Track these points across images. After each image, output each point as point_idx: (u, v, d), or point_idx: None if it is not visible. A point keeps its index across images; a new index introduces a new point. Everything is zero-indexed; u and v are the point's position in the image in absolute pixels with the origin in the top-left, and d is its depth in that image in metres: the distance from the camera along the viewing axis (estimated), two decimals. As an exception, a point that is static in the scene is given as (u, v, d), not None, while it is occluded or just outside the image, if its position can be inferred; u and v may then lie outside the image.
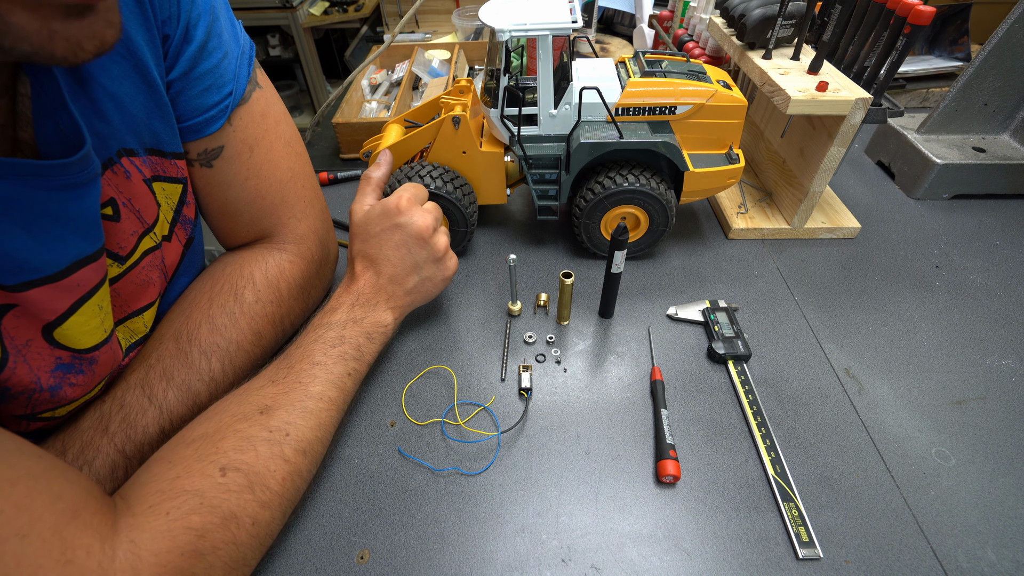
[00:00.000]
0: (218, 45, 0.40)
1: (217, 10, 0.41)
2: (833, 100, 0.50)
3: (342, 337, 0.41)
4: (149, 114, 0.38)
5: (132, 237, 0.39)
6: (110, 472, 0.36)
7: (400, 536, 0.37)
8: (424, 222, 0.45)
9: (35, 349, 0.33)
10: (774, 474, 0.40)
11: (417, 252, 0.46)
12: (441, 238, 0.47)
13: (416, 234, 0.45)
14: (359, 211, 0.47)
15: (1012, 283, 0.56)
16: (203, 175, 0.44)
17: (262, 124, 0.45)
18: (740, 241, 0.62)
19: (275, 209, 0.47)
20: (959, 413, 0.44)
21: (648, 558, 0.36)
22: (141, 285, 0.41)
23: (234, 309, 0.44)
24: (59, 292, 0.33)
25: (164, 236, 0.42)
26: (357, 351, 0.42)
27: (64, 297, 0.33)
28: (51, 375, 0.34)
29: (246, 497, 0.32)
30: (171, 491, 0.31)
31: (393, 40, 0.81)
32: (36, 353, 0.33)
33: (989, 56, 0.63)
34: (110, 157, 0.36)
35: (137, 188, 0.38)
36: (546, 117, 0.52)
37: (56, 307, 0.33)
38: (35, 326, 0.33)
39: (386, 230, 0.45)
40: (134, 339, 0.42)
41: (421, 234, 0.45)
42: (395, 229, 0.45)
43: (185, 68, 0.39)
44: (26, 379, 0.33)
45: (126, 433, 0.37)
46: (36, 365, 0.33)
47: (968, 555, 0.36)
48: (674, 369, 0.48)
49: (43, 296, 0.32)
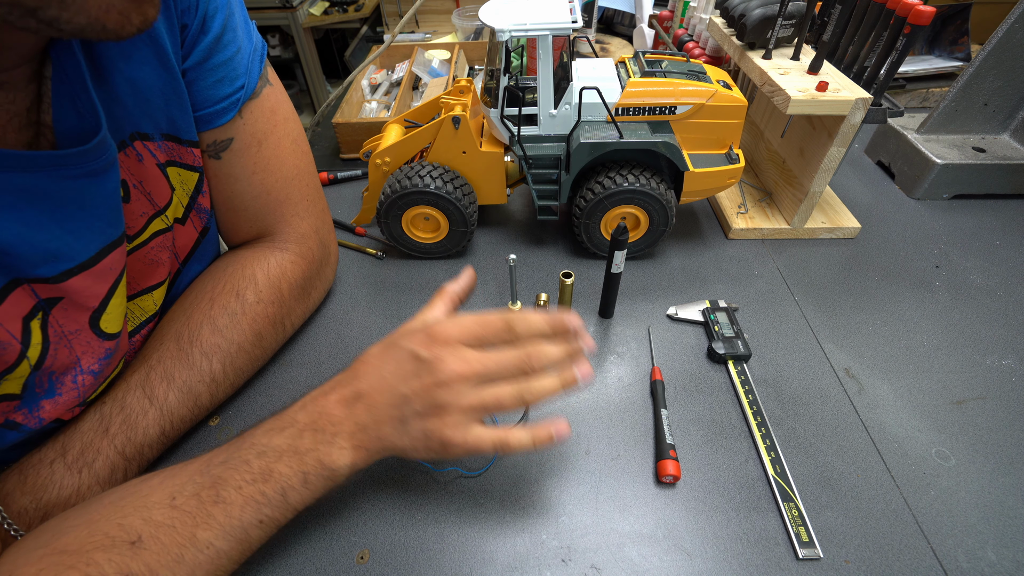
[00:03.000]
0: (232, 39, 0.41)
1: (233, 6, 0.41)
2: (833, 100, 0.50)
3: (269, 472, 0.32)
4: (167, 101, 0.38)
5: (141, 218, 0.39)
6: (110, 474, 0.36)
7: (400, 536, 0.37)
8: (457, 369, 0.33)
9: (84, 339, 0.35)
10: (774, 474, 0.40)
11: (422, 399, 0.33)
12: (471, 411, 0.34)
13: (436, 380, 0.33)
14: (415, 318, 0.39)
15: (1012, 283, 0.56)
16: (211, 167, 0.44)
17: (271, 120, 0.45)
18: (740, 241, 0.62)
19: (279, 205, 0.47)
20: (959, 413, 0.44)
21: (648, 558, 0.36)
22: (150, 264, 0.41)
23: (236, 310, 0.44)
24: (96, 278, 0.34)
25: (177, 219, 0.43)
26: (281, 496, 0.32)
27: (101, 282, 0.34)
28: (97, 362, 0.36)
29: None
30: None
31: (393, 40, 0.80)
32: (85, 342, 0.35)
33: (989, 56, 0.63)
34: (123, 140, 0.36)
35: (149, 171, 0.39)
36: (546, 117, 0.52)
37: (97, 292, 0.34)
38: (83, 317, 0.34)
39: (405, 352, 0.35)
40: (144, 317, 0.42)
41: (444, 381, 0.33)
42: (415, 359, 0.34)
43: (200, 58, 0.39)
44: (67, 362, 0.34)
45: (127, 435, 0.37)
46: (82, 351, 0.35)
47: (968, 555, 0.36)
48: (674, 369, 0.48)
49: (83, 284, 0.33)
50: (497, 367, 0.34)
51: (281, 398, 0.46)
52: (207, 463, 0.33)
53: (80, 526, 0.30)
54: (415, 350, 0.34)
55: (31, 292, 0.31)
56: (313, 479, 0.33)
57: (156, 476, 0.33)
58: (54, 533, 0.30)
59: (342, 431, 0.34)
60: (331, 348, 0.51)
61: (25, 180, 0.29)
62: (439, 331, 0.35)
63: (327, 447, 0.33)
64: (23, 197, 0.29)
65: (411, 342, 0.35)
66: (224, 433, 0.44)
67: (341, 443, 0.33)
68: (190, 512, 0.30)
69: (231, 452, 0.33)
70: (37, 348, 0.32)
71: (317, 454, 0.33)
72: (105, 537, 0.29)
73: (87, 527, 0.29)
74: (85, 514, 0.31)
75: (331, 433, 0.33)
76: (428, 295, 0.55)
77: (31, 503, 0.34)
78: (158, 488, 0.32)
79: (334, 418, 0.34)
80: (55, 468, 0.35)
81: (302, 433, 0.33)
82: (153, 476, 0.33)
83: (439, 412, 0.33)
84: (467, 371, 0.33)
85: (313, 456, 0.33)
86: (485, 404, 0.34)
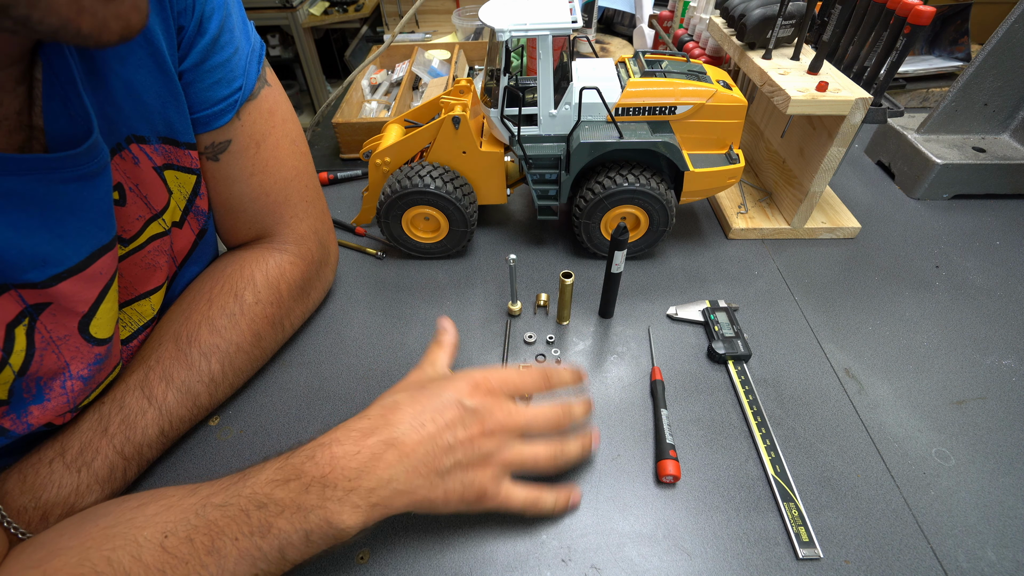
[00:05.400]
0: (230, 40, 0.41)
1: (230, 7, 0.41)
2: (833, 100, 0.50)
3: (267, 527, 0.29)
4: (164, 103, 0.38)
5: (138, 222, 0.39)
6: (109, 473, 0.36)
7: (400, 536, 0.37)
8: (504, 420, 0.33)
9: (73, 344, 0.34)
10: (774, 474, 0.40)
11: (467, 449, 0.33)
12: (508, 466, 0.34)
13: (484, 430, 0.33)
14: (421, 367, 0.39)
15: (1012, 283, 0.56)
16: (209, 169, 0.44)
17: (269, 121, 0.45)
18: (740, 241, 0.62)
19: (278, 207, 0.47)
20: (959, 413, 0.44)
21: (648, 558, 0.36)
22: (147, 268, 0.41)
23: (234, 310, 0.44)
24: (86, 283, 0.34)
25: (175, 222, 0.42)
26: (278, 553, 0.30)
27: (91, 287, 0.34)
28: (87, 367, 0.35)
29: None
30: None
31: (393, 40, 0.80)
32: (75, 348, 0.34)
33: (989, 56, 0.63)
34: (118, 143, 0.36)
35: (145, 174, 0.38)
36: (546, 117, 0.52)
37: (86, 297, 0.34)
38: (71, 322, 0.34)
39: (449, 400, 0.34)
40: (142, 322, 0.42)
41: (491, 431, 0.33)
42: (460, 407, 0.33)
43: (197, 60, 0.39)
44: (55, 367, 0.34)
45: (125, 435, 0.37)
46: (71, 357, 0.34)
47: (968, 555, 0.36)
48: (674, 369, 0.48)
49: (72, 288, 0.33)
50: (541, 420, 0.35)
51: (281, 398, 0.46)
52: (204, 501, 0.31)
53: (72, 549, 0.29)
54: (461, 399, 0.34)
55: (18, 298, 0.31)
56: (316, 538, 0.30)
57: (151, 504, 0.31)
58: (48, 551, 0.29)
59: (359, 487, 0.30)
60: (331, 348, 0.51)
61: (15, 184, 0.29)
62: (484, 380, 0.35)
63: (336, 505, 0.30)
64: (13, 201, 0.29)
65: (454, 391, 0.34)
66: (224, 433, 0.44)
67: (355, 500, 0.30)
68: (182, 559, 0.28)
69: (230, 495, 0.30)
70: (20, 355, 0.31)
71: (324, 512, 0.30)
72: (93, 572, 0.28)
73: (78, 553, 0.29)
74: (78, 535, 0.30)
75: (344, 489, 0.30)
76: (428, 295, 0.56)
77: (30, 502, 0.34)
78: (151, 521, 0.30)
79: (350, 472, 0.31)
80: (54, 467, 0.35)
81: (308, 488, 0.30)
82: (148, 503, 0.32)
83: (483, 463, 0.33)
84: (514, 423, 0.34)
85: (319, 515, 0.30)
86: (524, 461, 0.34)
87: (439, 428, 0.33)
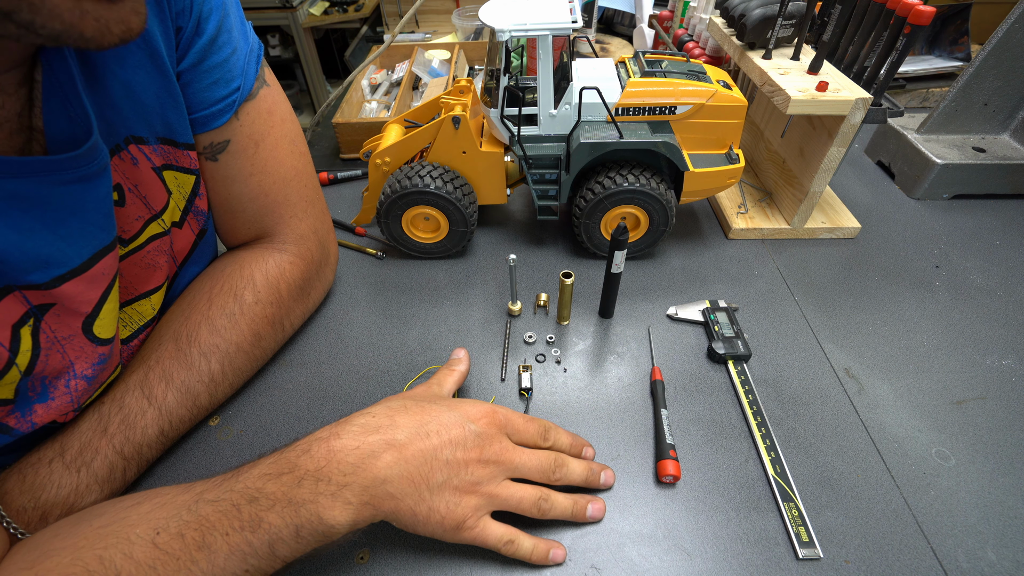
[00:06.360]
0: (228, 40, 0.41)
1: (228, 7, 0.41)
2: (833, 100, 0.50)
3: (258, 522, 0.29)
4: (163, 104, 0.38)
5: (137, 222, 0.39)
6: (108, 473, 0.36)
7: (400, 536, 0.37)
8: (499, 452, 0.34)
9: (77, 344, 0.34)
10: (774, 474, 0.40)
11: (462, 471, 0.33)
12: (492, 499, 0.34)
13: (482, 456, 0.33)
14: (429, 384, 0.40)
15: (1012, 283, 0.56)
16: (208, 169, 0.44)
17: (268, 121, 0.45)
18: (740, 241, 0.62)
19: (277, 207, 0.47)
20: (959, 413, 0.44)
21: (648, 558, 0.36)
22: (147, 268, 0.41)
23: (234, 310, 0.44)
24: (88, 284, 0.34)
25: (174, 223, 0.42)
26: (268, 548, 0.29)
27: (94, 288, 0.34)
28: (91, 367, 0.36)
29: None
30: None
31: (393, 40, 0.80)
32: (79, 348, 0.35)
33: (989, 56, 0.63)
34: (117, 144, 0.36)
35: (144, 175, 0.38)
36: (546, 117, 0.52)
37: (90, 298, 0.34)
38: (76, 322, 0.34)
39: (458, 418, 0.34)
40: (142, 322, 0.42)
41: (488, 459, 0.33)
42: (466, 427, 0.34)
43: (195, 60, 0.39)
44: (60, 367, 0.34)
45: (125, 435, 0.37)
46: (75, 356, 0.35)
47: (968, 555, 0.36)
48: (674, 369, 0.48)
49: (76, 289, 0.33)
50: (533, 463, 0.36)
51: (281, 398, 0.46)
52: (198, 497, 0.30)
53: (65, 550, 0.29)
54: (470, 421, 0.34)
55: (22, 299, 0.31)
56: (306, 534, 0.30)
57: (146, 502, 0.31)
58: (42, 552, 0.29)
59: (353, 483, 0.30)
60: (331, 348, 0.51)
61: (16, 186, 0.29)
62: (493, 412, 0.36)
63: (328, 500, 0.30)
64: (14, 203, 0.29)
65: (463, 412, 0.35)
66: (224, 433, 0.44)
67: (347, 496, 0.30)
68: (173, 555, 0.28)
69: (223, 491, 0.30)
70: (27, 355, 0.32)
71: (315, 507, 0.30)
72: (84, 571, 0.27)
73: (71, 553, 0.28)
74: (72, 536, 0.30)
75: (338, 484, 0.30)
76: (428, 295, 0.56)
77: (29, 502, 0.34)
78: (144, 519, 0.30)
79: (346, 466, 0.30)
80: (53, 467, 0.35)
81: (301, 481, 0.30)
82: (143, 501, 0.32)
83: (471, 490, 0.33)
84: (508, 459, 0.34)
85: (310, 509, 0.30)
86: (506, 499, 0.34)
87: (442, 442, 0.33)
